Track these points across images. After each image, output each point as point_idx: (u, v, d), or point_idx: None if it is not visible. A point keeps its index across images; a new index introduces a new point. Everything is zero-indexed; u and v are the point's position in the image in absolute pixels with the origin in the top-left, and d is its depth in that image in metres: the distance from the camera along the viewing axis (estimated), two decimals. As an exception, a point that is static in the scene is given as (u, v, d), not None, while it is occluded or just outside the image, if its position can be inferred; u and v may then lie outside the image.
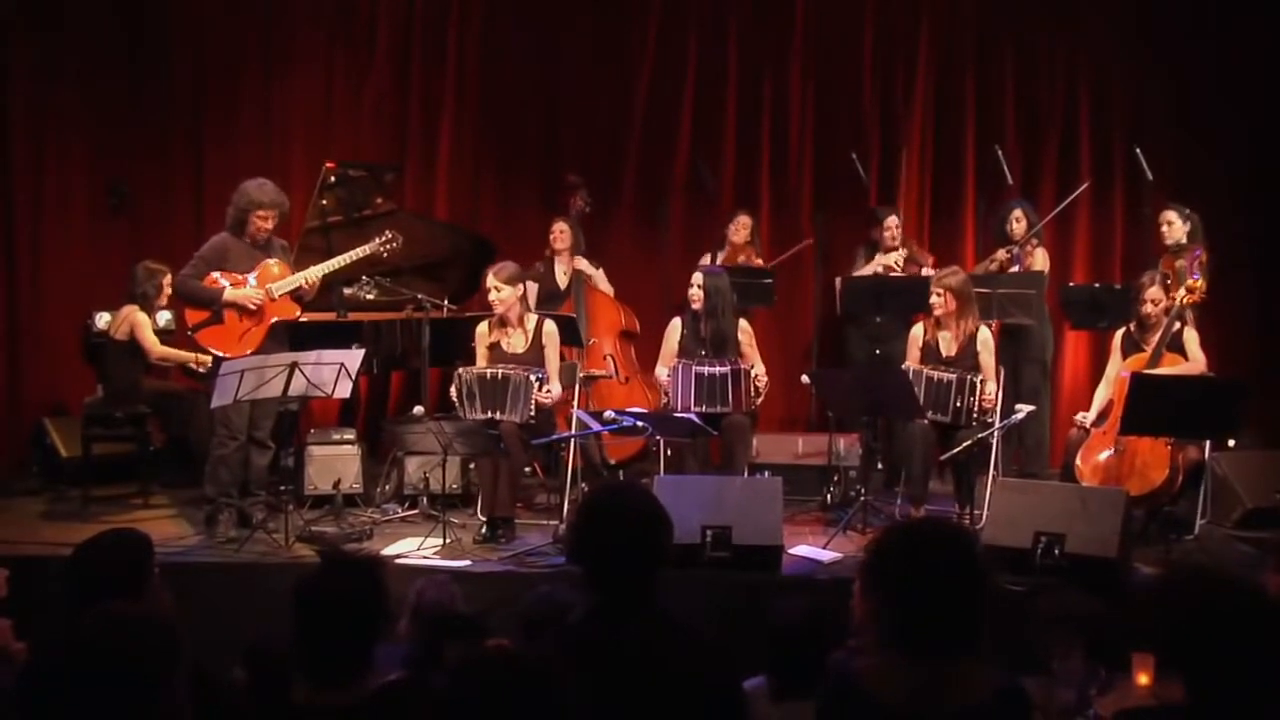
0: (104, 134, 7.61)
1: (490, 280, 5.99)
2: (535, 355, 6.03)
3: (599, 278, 7.34)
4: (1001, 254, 7.00)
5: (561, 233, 7.20)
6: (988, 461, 5.98)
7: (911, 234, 7.69)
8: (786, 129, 8.01)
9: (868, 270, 7.15)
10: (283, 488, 5.81)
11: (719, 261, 7.19)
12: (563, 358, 6.30)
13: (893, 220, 7.18)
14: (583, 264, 7.27)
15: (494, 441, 5.67)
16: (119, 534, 3.18)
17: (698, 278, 6.20)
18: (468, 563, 5.38)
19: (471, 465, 6.38)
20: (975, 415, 5.85)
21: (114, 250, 7.53)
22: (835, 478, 6.52)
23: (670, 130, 7.98)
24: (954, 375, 5.88)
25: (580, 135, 8.02)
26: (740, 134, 8.01)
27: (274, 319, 5.89)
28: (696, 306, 6.18)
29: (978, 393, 5.84)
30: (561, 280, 7.21)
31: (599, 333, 7.12)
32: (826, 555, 5.50)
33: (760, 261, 7.39)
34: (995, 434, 5.87)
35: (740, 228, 7.39)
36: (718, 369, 6.00)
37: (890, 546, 2.40)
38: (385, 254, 6.28)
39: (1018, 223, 7.04)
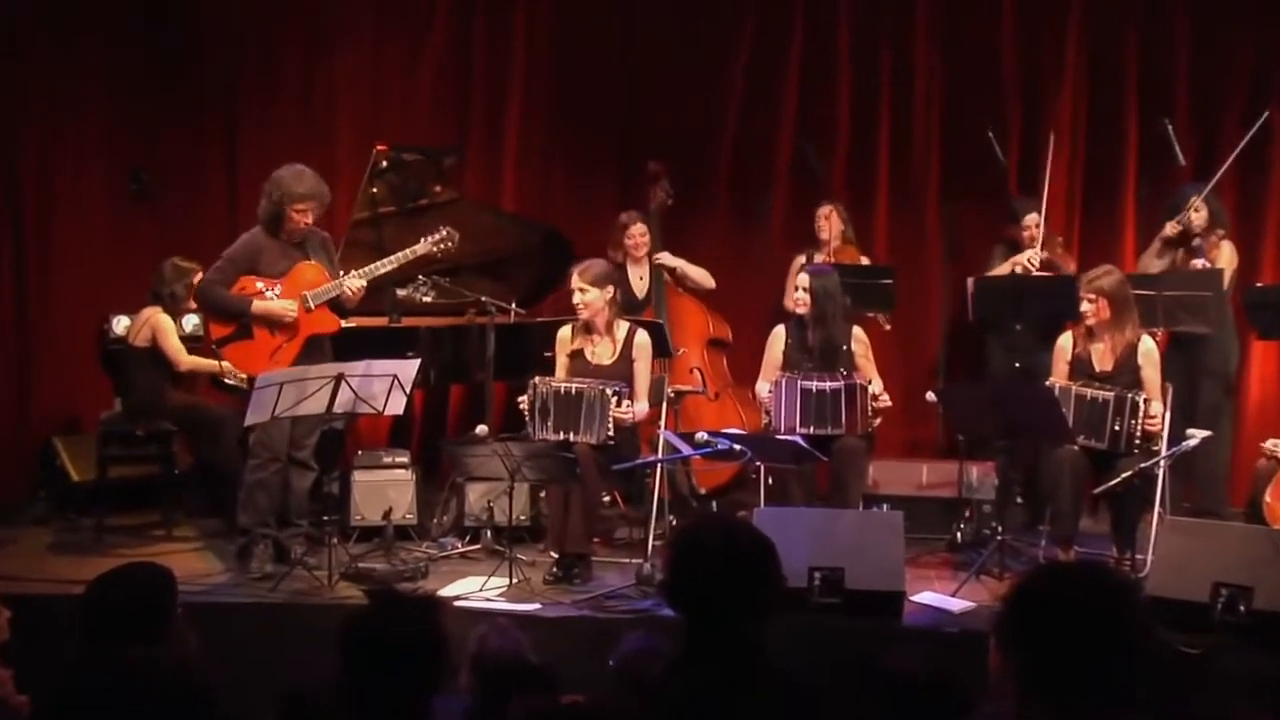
0: (124, 114, 7.76)
1: (575, 280, 6.02)
2: (623, 369, 6.04)
3: (691, 272, 7.32)
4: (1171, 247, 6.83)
5: (642, 236, 7.19)
6: (1152, 496, 5.84)
7: (1059, 226, 7.55)
8: (909, 105, 7.90)
9: (1002, 270, 7.04)
10: (326, 518, 5.89)
11: (819, 260, 7.14)
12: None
13: (1033, 218, 7.04)
14: (666, 258, 7.26)
15: (568, 467, 5.67)
16: (137, 569, 3.22)
17: (804, 279, 6.16)
18: (537, 606, 5.40)
19: (542, 494, 6.40)
20: (1137, 441, 5.72)
21: (135, 245, 7.67)
22: (967, 513, 6.44)
23: (772, 108, 7.93)
24: (1111, 393, 5.76)
25: (666, 115, 8.01)
26: (855, 112, 7.92)
27: (310, 333, 5.95)
28: (803, 312, 6.14)
29: (1140, 414, 5.71)
30: (639, 287, 7.19)
31: (685, 342, 7.11)
32: (956, 604, 5.43)
33: (866, 259, 7.32)
34: (1162, 464, 5.73)
35: (827, 221, 7.29)
36: (828, 384, 5.95)
37: (1033, 595, 2.34)
38: (439, 254, 6.34)
39: (1196, 213, 6.79)
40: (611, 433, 5.81)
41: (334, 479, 6.44)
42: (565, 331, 6.16)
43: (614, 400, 5.82)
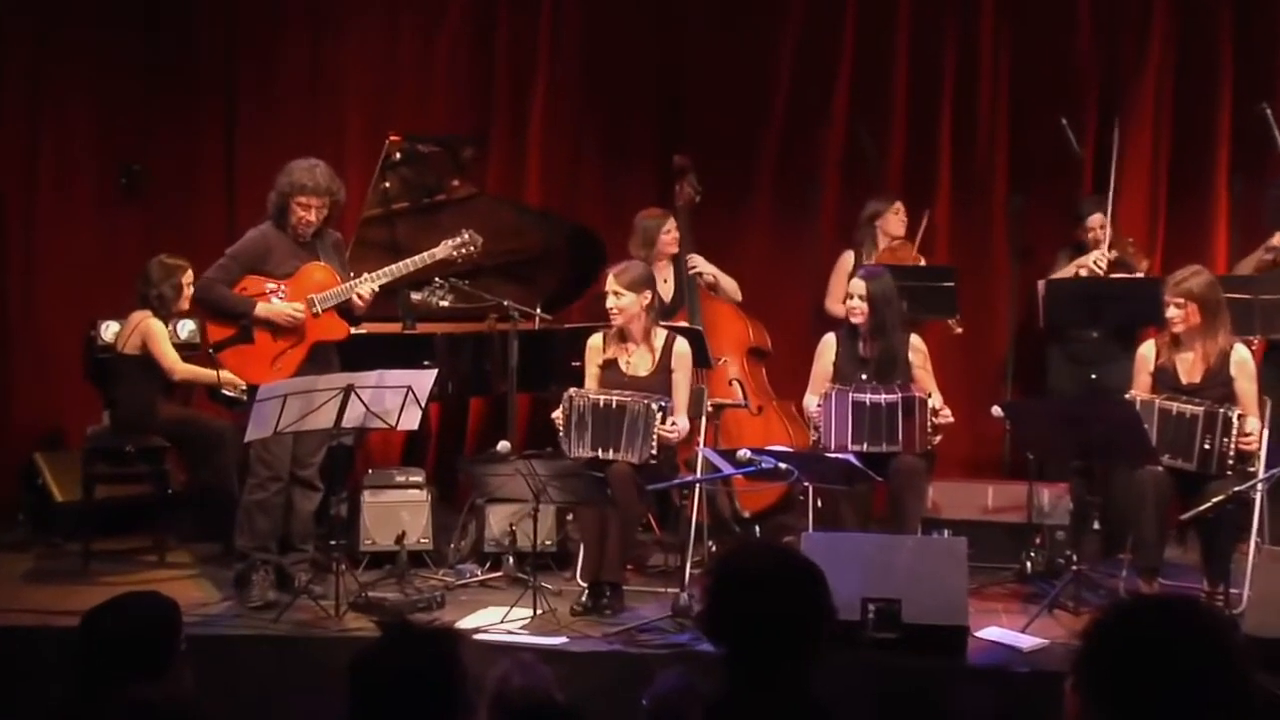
0: (114, 103, 7.84)
1: (610, 283, 6.03)
2: (661, 381, 6.05)
3: (723, 282, 7.34)
4: (1264, 249, 6.76)
5: (668, 233, 7.18)
6: (1247, 524, 5.79)
7: (1138, 226, 7.50)
8: (974, 89, 7.89)
9: (1065, 273, 7.01)
10: (333, 542, 5.88)
11: (871, 260, 7.12)
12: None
13: (1097, 219, 7.00)
14: (699, 262, 7.28)
15: (600, 487, 5.68)
16: (139, 598, 3.21)
17: (858, 285, 6.14)
18: (564, 640, 5.40)
19: (570, 517, 6.41)
20: (1230, 461, 5.66)
21: (125, 243, 7.74)
22: (1037, 540, 6.41)
23: (823, 92, 7.94)
24: (1200, 408, 5.70)
25: (707, 100, 8.03)
26: (913, 96, 7.92)
27: (316, 340, 5.98)
28: (858, 320, 6.13)
29: (1233, 431, 5.64)
30: (664, 290, 7.16)
31: (722, 350, 7.11)
32: (1026, 641, 5.40)
33: (923, 259, 7.30)
34: (1259, 487, 5.66)
35: (895, 219, 7.28)
36: (884, 397, 5.94)
37: (1113, 632, 2.30)
38: (460, 259, 6.37)
39: None
40: (655, 451, 5.82)
41: (342, 500, 6.43)
42: (597, 339, 6.17)
43: (660, 416, 5.84)
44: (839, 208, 7.87)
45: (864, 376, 6.10)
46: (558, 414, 5.97)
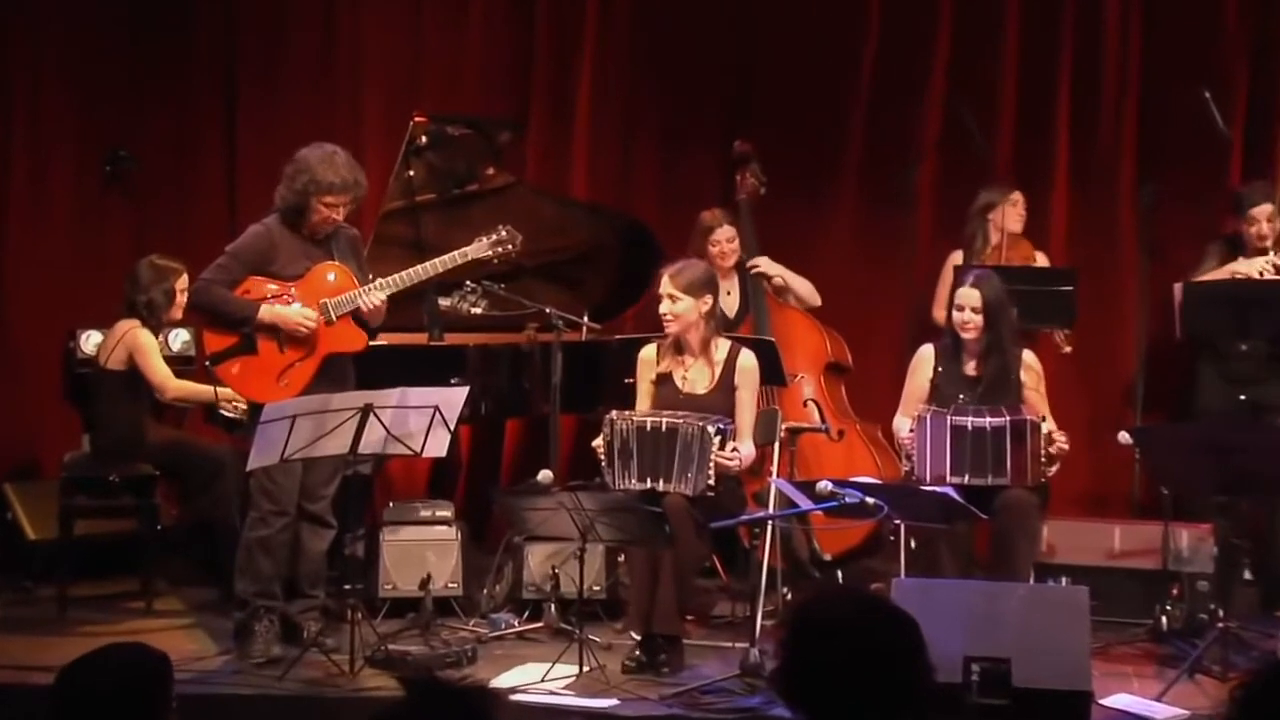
0: (98, 83, 7.89)
1: (665, 285, 6.02)
2: (722, 400, 6.03)
3: (795, 284, 7.32)
4: None
5: (730, 241, 7.16)
6: None
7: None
8: (1098, 59, 7.83)
9: (1216, 275, 6.94)
10: (347, 587, 5.90)
11: (978, 259, 7.08)
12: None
13: (1264, 210, 6.91)
14: (765, 264, 7.26)
15: (657, 524, 5.67)
16: (123, 652, 3.21)
17: (970, 295, 6.06)
18: (614, 702, 5.39)
19: (621, 558, 6.40)
20: None
21: (109, 242, 7.79)
22: (1175, 590, 6.35)
23: (918, 64, 7.92)
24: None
25: (781, 75, 8.02)
26: (1025, 70, 7.88)
27: (329, 352, 5.99)
28: (971, 335, 6.09)
29: None
30: (728, 304, 7.13)
31: (797, 366, 7.09)
32: (1162, 711, 5.35)
33: (1044, 259, 7.24)
34: None
35: (1014, 212, 7.24)
36: (989, 420, 5.91)
37: (1269, 702, 2.28)
38: (497, 260, 6.38)
39: None
40: (712, 481, 5.79)
41: (358, 538, 6.47)
42: (649, 351, 6.17)
43: (717, 440, 5.81)
44: (936, 199, 7.83)
45: (962, 396, 6.06)
46: (599, 441, 5.97)
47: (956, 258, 7.21)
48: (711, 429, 5.82)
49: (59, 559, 6.74)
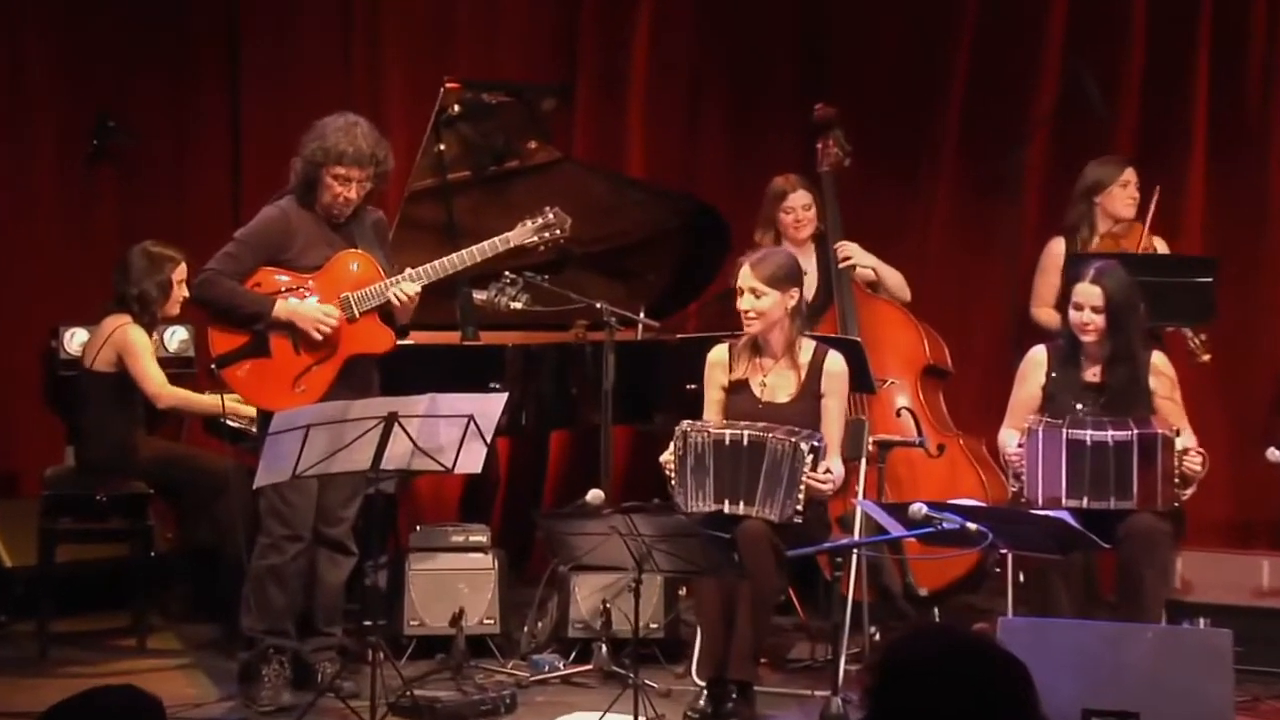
0: (82, 41, 7.93)
1: (745, 277, 5.99)
2: (808, 410, 6.01)
3: (885, 276, 7.30)
4: None
5: (806, 209, 7.15)
6: None
7: None
8: (1244, 15, 7.78)
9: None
10: (369, 623, 5.91)
11: (1083, 249, 7.06)
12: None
13: None
14: (853, 251, 7.23)
15: (725, 552, 5.65)
16: (110, 696, 3.22)
17: (1090, 291, 6.01)
18: (675, 759, 5.40)
19: (684, 592, 6.41)
20: None
21: (96, 225, 7.86)
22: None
23: (1026, 18, 7.91)
24: None
25: (868, 35, 8.04)
26: (1155, 20, 7.84)
27: (351, 353, 6.01)
28: (1091, 338, 6.06)
29: None
30: (806, 286, 7.10)
31: (889, 369, 7.07)
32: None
33: (1160, 246, 7.17)
34: None
35: (1123, 194, 7.20)
36: (1111, 434, 5.88)
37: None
38: (543, 247, 6.38)
39: None
40: (801, 507, 5.79)
41: (380, 567, 6.48)
42: (720, 353, 6.14)
43: (810, 459, 5.80)
44: (1046, 180, 7.83)
45: (1079, 406, 6.03)
46: (668, 455, 5.95)
47: (1057, 247, 7.19)
48: (805, 446, 5.80)
49: (38, 589, 6.77)
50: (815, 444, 5.82)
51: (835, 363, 6.07)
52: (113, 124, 7.81)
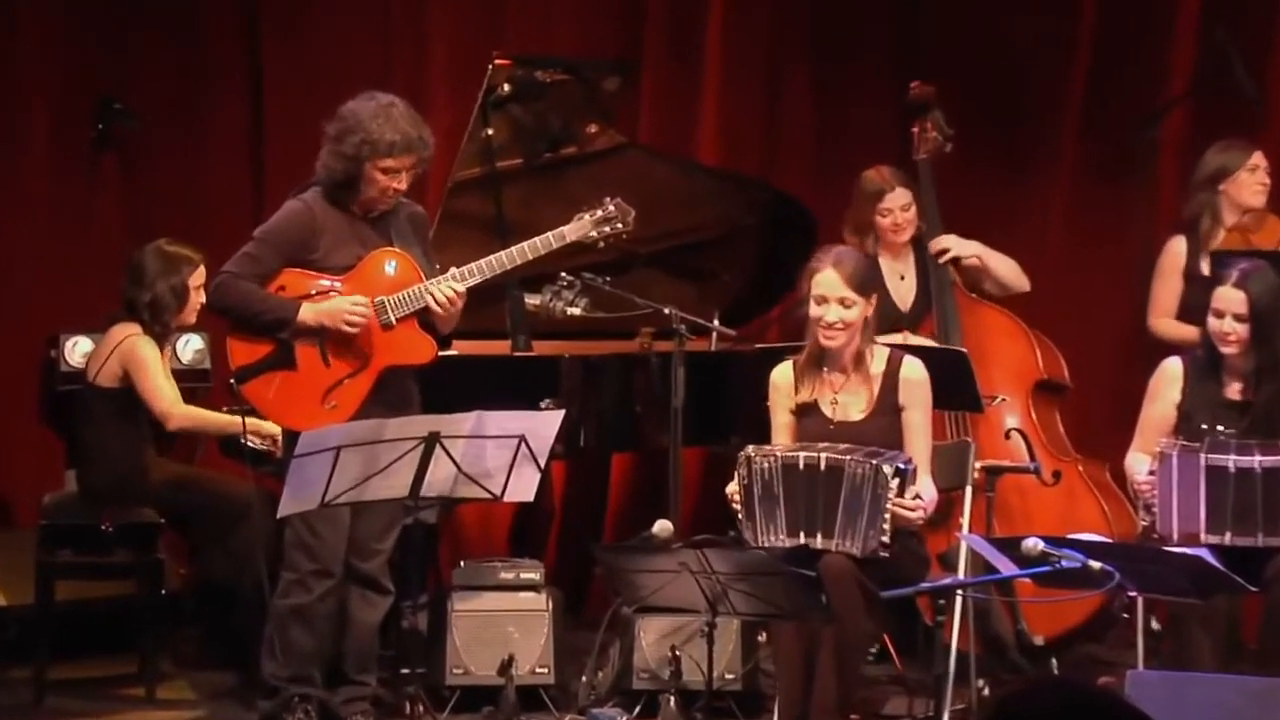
0: (84, 13, 7.95)
1: (831, 283, 5.90)
2: (886, 426, 5.98)
3: (994, 265, 7.26)
4: None
5: (905, 209, 7.12)
6: None
7: None
8: None
9: None
10: (406, 670, 5.92)
11: (1205, 245, 7.04)
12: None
13: None
14: (951, 242, 7.20)
15: (811, 592, 5.63)
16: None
17: (1233, 296, 5.97)
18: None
19: (763, 637, 6.38)
20: None
21: (102, 223, 7.89)
22: None
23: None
24: None
25: (965, 7, 8.04)
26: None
27: (387, 364, 6.02)
28: (1232, 350, 6.01)
29: None
30: (900, 292, 7.14)
31: (997, 384, 7.05)
32: None
33: None
34: None
35: (1251, 180, 7.14)
36: (1260, 460, 5.84)
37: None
38: (603, 243, 6.38)
39: None
40: (887, 539, 5.74)
41: (420, 607, 6.48)
42: (783, 374, 6.09)
43: (895, 483, 5.74)
44: (1182, 167, 7.72)
45: (1220, 428, 5.98)
46: (733, 486, 5.92)
47: (1177, 246, 7.17)
48: (888, 468, 5.74)
49: (35, 631, 6.80)
50: (901, 466, 5.77)
51: (914, 369, 6.03)
52: (118, 106, 7.82)
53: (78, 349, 7.24)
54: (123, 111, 7.82)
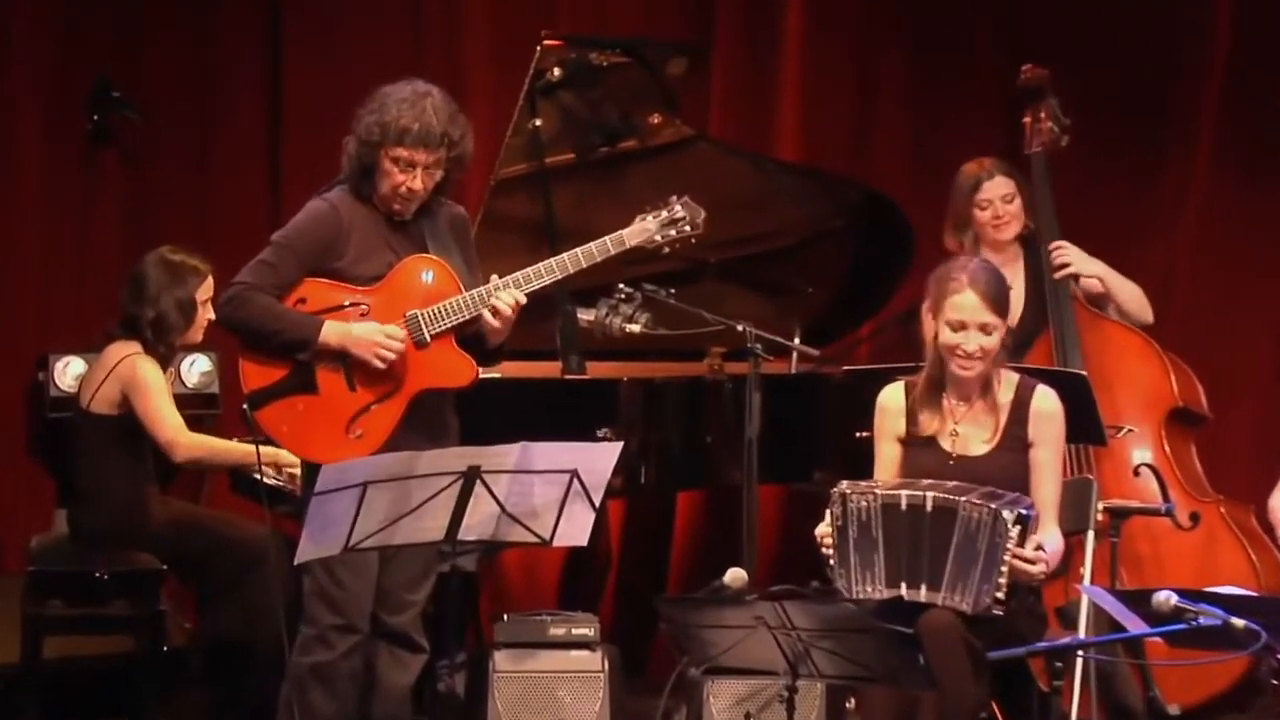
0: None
1: (969, 306, 5.82)
2: (1011, 464, 5.94)
3: (1116, 288, 7.22)
4: None
5: (1008, 201, 7.09)
6: None
7: None
8: None
9: None
10: (442, 741, 5.91)
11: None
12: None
13: None
14: (1072, 254, 7.15)
15: (907, 652, 5.57)
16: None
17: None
18: None
19: (851, 702, 6.36)
20: None
21: (98, 228, 7.94)
22: None
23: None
24: None
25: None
26: None
27: (421, 388, 6.00)
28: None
29: None
30: (1010, 304, 7.04)
31: (1123, 413, 7.03)
32: None
33: None
34: None
35: None
36: None
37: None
38: (667, 248, 6.30)
39: None
40: (1002, 595, 5.69)
41: (457, 667, 6.48)
42: (894, 396, 6.05)
43: (1015, 531, 5.68)
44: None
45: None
46: (824, 528, 5.87)
47: None
48: (1009, 514, 5.68)
49: (21, 692, 6.85)
50: (1023, 511, 5.70)
51: (1046, 401, 5.97)
52: (116, 94, 7.87)
53: (69, 371, 7.30)
54: (121, 100, 7.86)
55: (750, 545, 6.59)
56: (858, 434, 6.30)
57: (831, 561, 5.84)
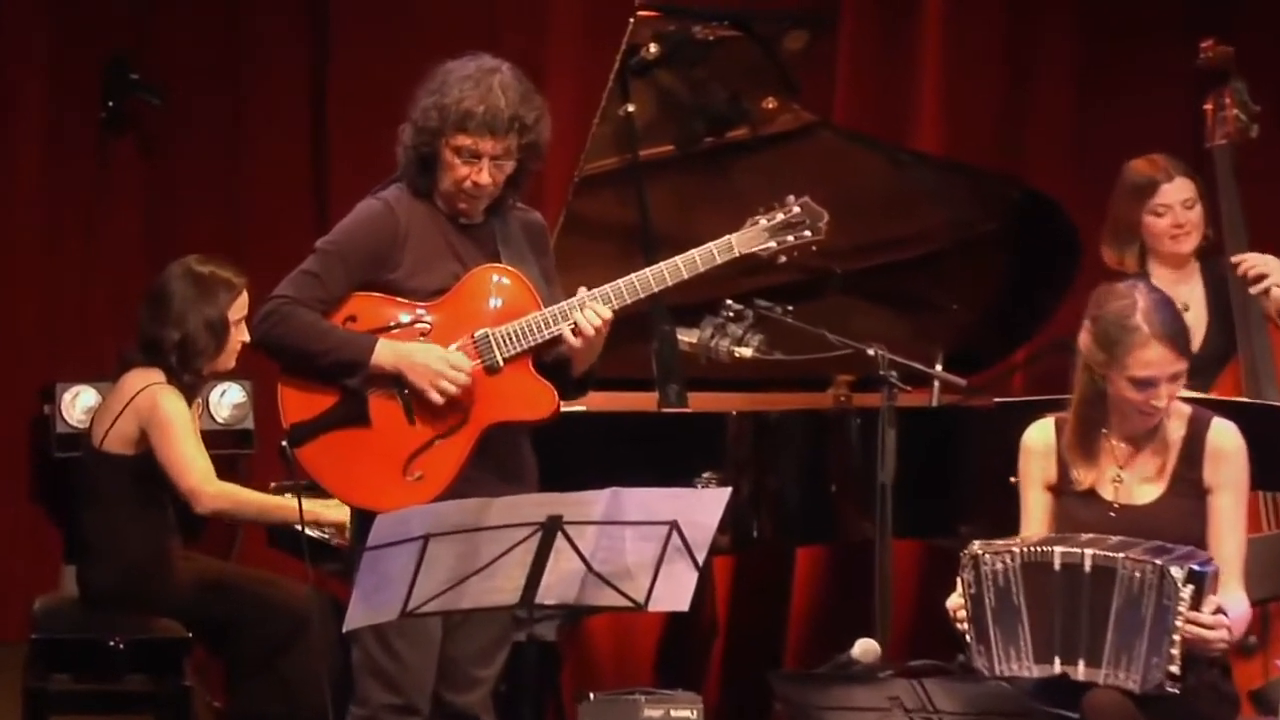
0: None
1: (1149, 359, 5.70)
2: (1186, 511, 5.86)
3: None
4: None
5: (1188, 205, 7.03)
6: None
7: None
8: None
9: None
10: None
11: None
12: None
13: None
14: (1262, 263, 7.00)
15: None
16: None
17: None
18: None
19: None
20: None
21: (113, 235, 7.98)
22: None
23: None
24: None
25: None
26: None
27: (492, 422, 5.97)
28: None
29: None
30: (1191, 328, 6.95)
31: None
32: None
33: None
34: None
35: None
36: None
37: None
38: (785, 256, 6.24)
39: None
40: (1177, 669, 5.58)
41: (534, 753, 6.47)
42: (1042, 435, 5.97)
43: (1188, 591, 5.59)
44: None
45: None
46: (956, 599, 5.80)
47: None
48: (1178, 571, 5.60)
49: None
50: (1195, 568, 5.61)
51: (1225, 437, 5.86)
52: (135, 76, 7.90)
53: (79, 403, 7.35)
54: (139, 84, 7.89)
55: (883, 612, 6.58)
56: (1011, 479, 6.22)
57: (967, 638, 5.77)
